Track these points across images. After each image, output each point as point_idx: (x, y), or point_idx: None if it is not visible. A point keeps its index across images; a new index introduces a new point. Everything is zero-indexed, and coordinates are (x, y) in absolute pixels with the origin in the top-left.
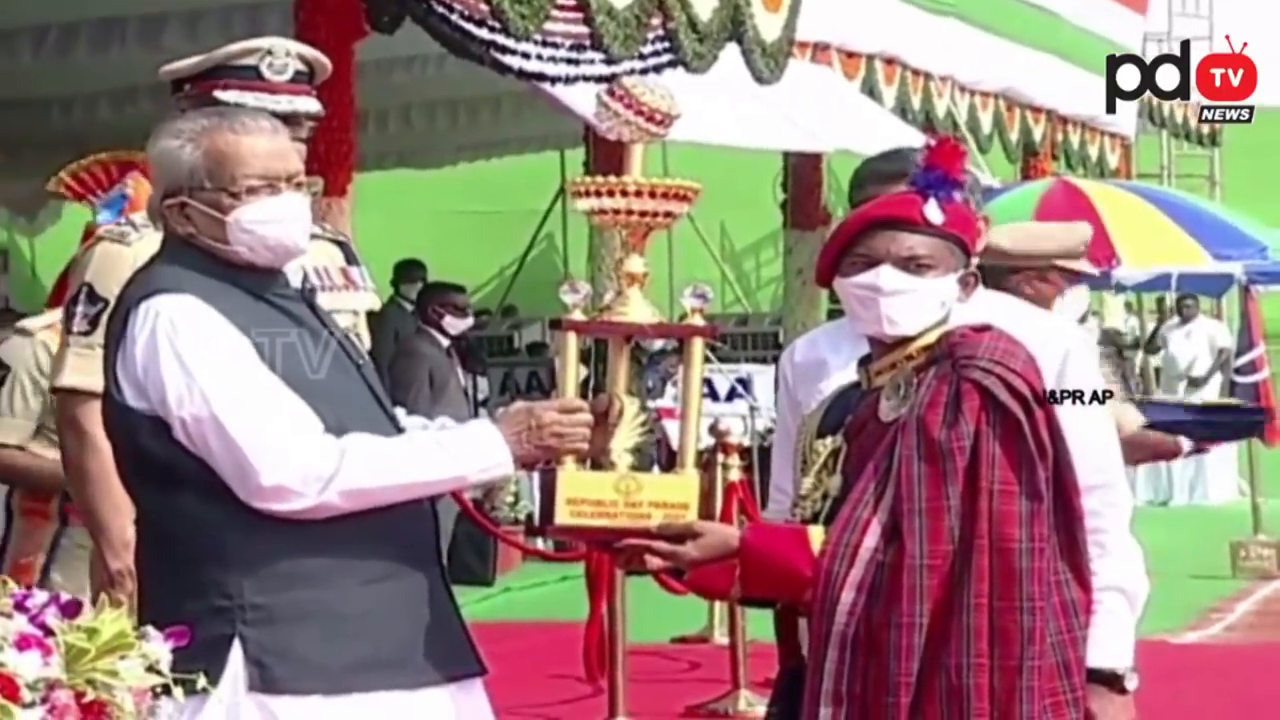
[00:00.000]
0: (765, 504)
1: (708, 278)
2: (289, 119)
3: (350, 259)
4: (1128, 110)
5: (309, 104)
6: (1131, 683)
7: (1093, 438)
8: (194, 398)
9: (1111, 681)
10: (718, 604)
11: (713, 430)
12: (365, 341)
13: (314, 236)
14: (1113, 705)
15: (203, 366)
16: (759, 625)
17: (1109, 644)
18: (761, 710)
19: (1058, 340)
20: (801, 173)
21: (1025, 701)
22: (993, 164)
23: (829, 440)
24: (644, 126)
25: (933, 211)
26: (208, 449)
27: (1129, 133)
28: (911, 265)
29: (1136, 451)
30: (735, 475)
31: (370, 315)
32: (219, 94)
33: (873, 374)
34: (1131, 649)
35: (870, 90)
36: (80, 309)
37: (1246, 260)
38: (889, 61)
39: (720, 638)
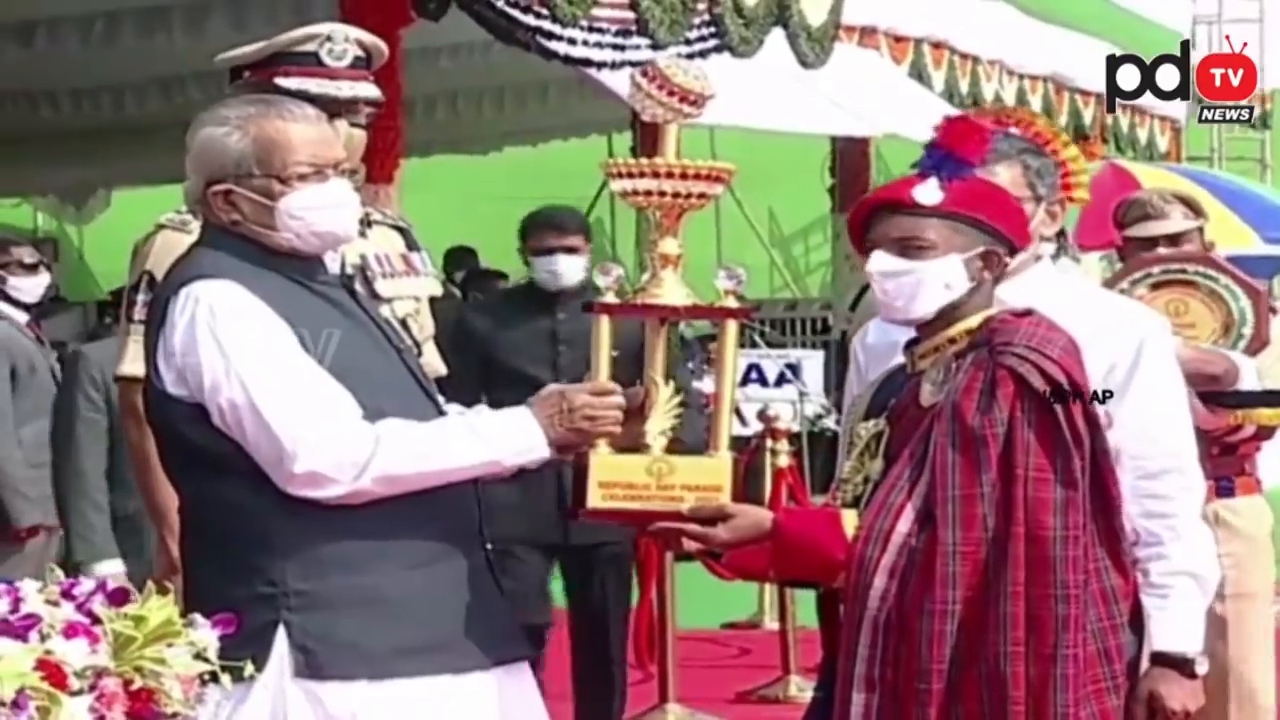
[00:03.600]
0: (816, 489)
1: (756, 262)
2: (349, 105)
3: (411, 245)
4: None
5: (369, 90)
6: (1201, 667)
7: (1165, 421)
8: (231, 383)
9: (1181, 665)
10: (767, 589)
11: (761, 416)
12: (429, 327)
13: (375, 222)
14: (1181, 689)
15: (240, 352)
16: (809, 611)
17: (1180, 628)
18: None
19: (1134, 324)
20: (849, 157)
21: (1060, 690)
22: None
23: (872, 423)
24: (677, 107)
25: (924, 193)
26: (244, 435)
27: (1179, 116)
28: (908, 248)
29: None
30: (784, 461)
31: (431, 300)
32: (280, 81)
33: (916, 357)
34: (1202, 633)
35: (918, 74)
36: (141, 297)
37: None
38: (937, 45)
39: (770, 623)
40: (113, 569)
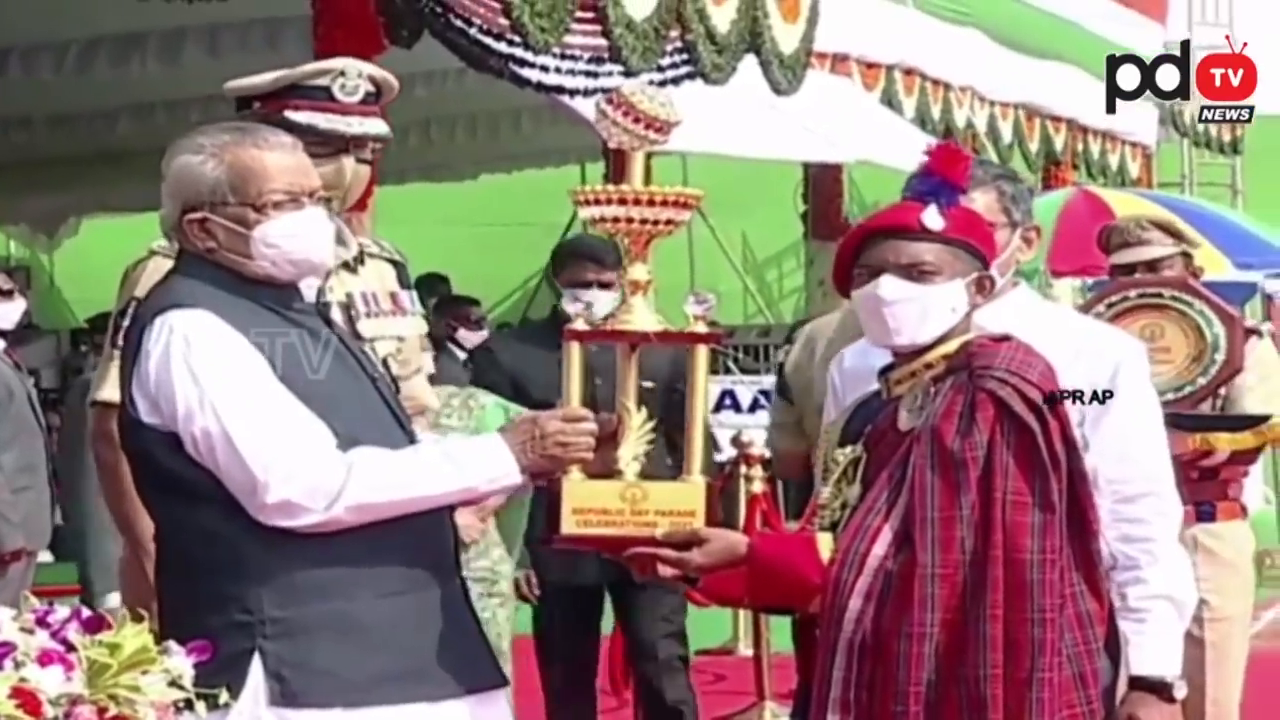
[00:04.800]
0: (790, 515)
1: (729, 289)
2: (357, 141)
3: (403, 281)
4: (1148, 119)
5: (378, 126)
6: (1180, 691)
7: (1143, 445)
8: (205, 412)
9: (1160, 689)
10: (742, 616)
11: (735, 442)
12: (415, 361)
13: (370, 256)
14: (1160, 713)
15: (214, 381)
16: (783, 637)
17: (1158, 652)
18: None
19: (1110, 349)
20: (821, 183)
21: (1035, 714)
22: None
23: (849, 449)
24: (643, 134)
25: (931, 218)
26: (216, 463)
27: (1150, 142)
28: (914, 273)
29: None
30: (758, 487)
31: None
32: (289, 114)
33: (893, 383)
34: (1180, 657)
35: (890, 101)
36: (127, 323)
37: (1269, 269)
38: (908, 72)
39: (744, 650)
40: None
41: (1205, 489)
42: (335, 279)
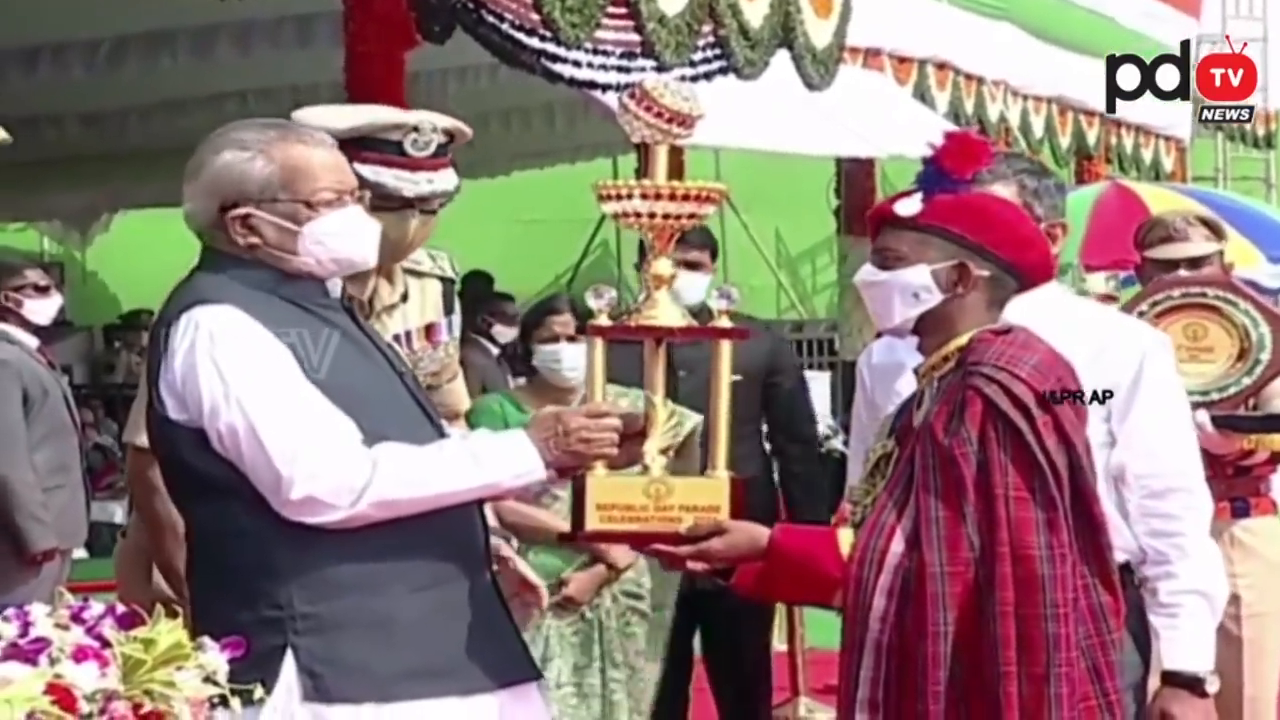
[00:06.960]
0: None
1: (762, 284)
2: (425, 198)
3: (449, 302)
4: (1182, 113)
5: (447, 181)
6: (1213, 686)
7: (1171, 440)
8: (230, 408)
9: (1193, 685)
10: (777, 611)
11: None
12: (448, 372)
13: (419, 274)
14: (1194, 709)
15: (239, 376)
16: (817, 632)
17: (1190, 647)
18: (821, 717)
19: (1134, 342)
20: (854, 178)
21: (1054, 709)
22: None
23: (882, 444)
24: (664, 128)
25: (903, 206)
26: (241, 459)
27: (1184, 136)
28: (885, 259)
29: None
30: None
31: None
32: (358, 166)
33: (920, 377)
34: (1212, 652)
35: (923, 95)
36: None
37: None
38: (941, 66)
39: (779, 644)
40: None
41: (1239, 485)
42: (376, 322)
